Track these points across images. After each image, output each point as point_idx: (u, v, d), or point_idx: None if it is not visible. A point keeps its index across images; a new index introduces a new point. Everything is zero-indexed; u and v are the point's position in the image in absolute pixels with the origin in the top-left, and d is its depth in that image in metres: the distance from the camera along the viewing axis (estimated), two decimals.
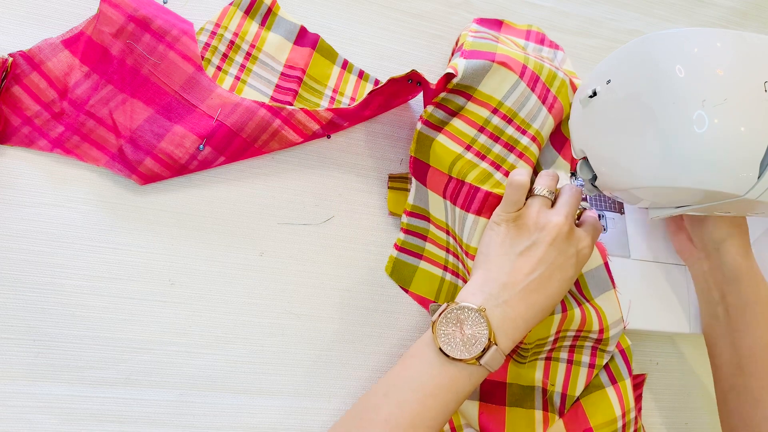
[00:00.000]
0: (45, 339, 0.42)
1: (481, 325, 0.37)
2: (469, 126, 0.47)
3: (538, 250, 0.40)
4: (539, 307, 0.40)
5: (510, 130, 0.48)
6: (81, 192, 0.45)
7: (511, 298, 0.39)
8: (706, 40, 0.34)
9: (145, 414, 0.42)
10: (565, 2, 0.63)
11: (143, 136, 0.45)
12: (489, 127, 0.47)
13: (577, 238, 0.41)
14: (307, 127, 0.47)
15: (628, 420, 0.47)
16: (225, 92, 0.47)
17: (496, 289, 0.39)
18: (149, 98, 0.46)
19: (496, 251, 0.41)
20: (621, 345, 0.50)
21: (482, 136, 0.47)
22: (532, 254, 0.40)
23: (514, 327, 0.39)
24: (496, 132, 0.47)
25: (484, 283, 0.40)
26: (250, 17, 0.51)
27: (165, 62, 0.46)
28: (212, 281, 0.46)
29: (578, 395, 0.48)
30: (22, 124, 0.44)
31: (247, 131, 0.46)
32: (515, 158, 0.48)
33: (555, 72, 0.51)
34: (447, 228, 0.49)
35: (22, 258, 0.42)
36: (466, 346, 0.37)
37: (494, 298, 0.39)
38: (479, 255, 0.42)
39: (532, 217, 0.41)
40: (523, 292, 0.39)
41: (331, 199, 0.50)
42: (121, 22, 0.45)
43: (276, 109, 0.46)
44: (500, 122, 0.48)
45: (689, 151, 0.33)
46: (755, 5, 0.70)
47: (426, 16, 0.58)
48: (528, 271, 0.39)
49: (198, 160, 0.45)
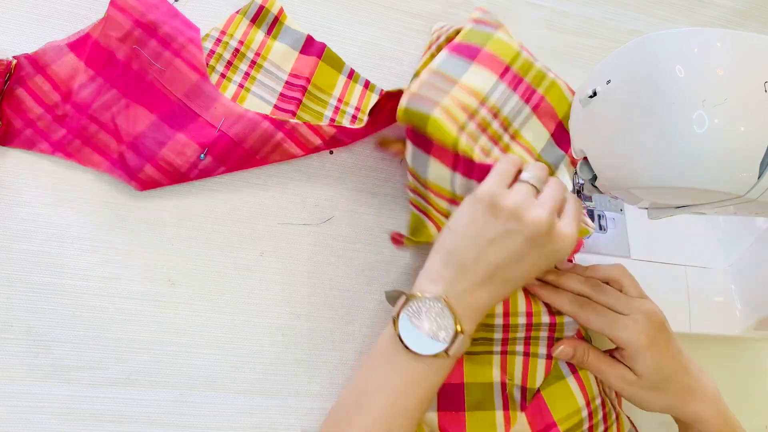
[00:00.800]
0: (45, 339, 0.42)
1: (446, 317, 0.36)
2: (461, 110, 0.45)
3: (513, 242, 0.37)
4: (501, 294, 0.38)
5: (495, 125, 0.47)
6: (81, 192, 0.45)
7: (474, 285, 0.37)
8: (706, 40, 0.34)
9: (145, 414, 0.42)
10: (565, 2, 0.63)
11: (145, 143, 0.45)
12: (478, 117, 0.46)
13: (558, 235, 0.38)
14: (310, 141, 0.47)
15: (594, 407, 0.47)
16: (229, 102, 0.47)
17: (458, 273, 0.37)
18: (153, 105, 0.46)
19: (464, 231, 0.38)
20: (581, 333, 0.49)
21: (471, 123, 0.46)
22: (504, 244, 0.37)
23: (476, 311, 0.37)
24: (484, 123, 0.47)
25: (445, 266, 0.37)
26: (256, 26, 0.51)
27: (170, 69, 0.46)
28: (212, 281, 0.46)
29: (538, 387, 0.47)
30: (25, 127, 0.44)
31: (249, 142, 0.46)
32: (499, 152, 0.47)
33: (545, 73, 0.50)
34: (452, 196, 0.46)
35: (22, 258, 0.42)
36: (433, 340, 0.36)
37: (456, 283, 0.37)
38: (447, 230, 0.39)
39: (513, 203, 0.37)
40: (487, 282, 0.37)
41: (331, 199, 0.50)
42: (128, 27, 0.45)
43: (279, 122, 0.46)
44: (487, 115, 0.47)
45: (689, 151, 0.33)
46: (755, 5, 0.70)
47: (426, 16, 0.58)
48: (496, 261, 0.37)
49: (198, 169, 0.45)
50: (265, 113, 0.48)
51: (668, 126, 0.34)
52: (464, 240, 0.38)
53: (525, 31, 0.61)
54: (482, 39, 0.48)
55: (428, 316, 0.36)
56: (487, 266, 0.37)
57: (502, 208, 0.37)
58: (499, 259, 0.37)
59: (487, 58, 0.48)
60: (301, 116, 0.50)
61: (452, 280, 0.37)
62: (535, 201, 0.38)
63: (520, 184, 0.39)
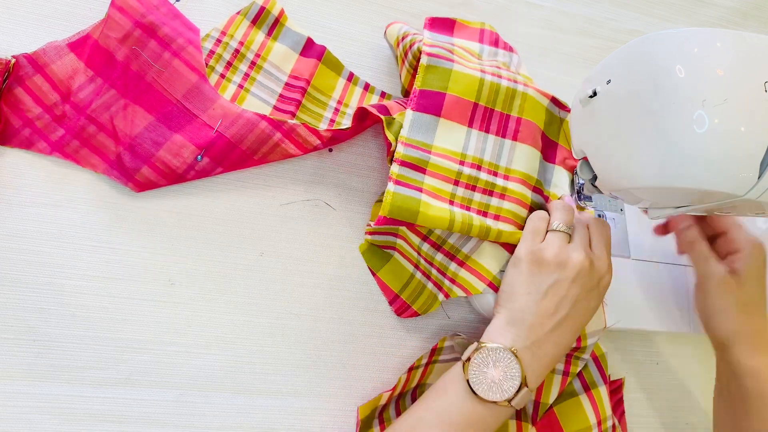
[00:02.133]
0: (45, 339, 0.42)
1: (513, 368, 0.38)
2: (444, 182, 0.46)
3: (562, 289, 0.40)
4: (566, 342, 0.41)
5: (483, 176, 0.47)
6: (81, 192, 0.45)
7: (539, 339, 0.39)
8: (706, 40, 0.34)
9: (145, 414, 0.42)
10: (565, 2, 0.63)
11: (142, 144, 0.45)
12: (463, 179, 0.46)
13: (597, 269, 0.42)
14: (308, 141, 0.47)
15: (605, 428, 0.47)
16: (227, 103, 0.46)
17: (523, 330, 0.39)
18: (151, 105, 0.46)
19: (519, 290, 0.41)
20: (595, 353, 0.49)
21: (459, 189, 0.46)
22: (555, 293, 0.40)
23: (542, 366, 0.39)
24: (471, 181, 0.47)
25: (510, 323, 0.40)
26: (257, 27, 0.51)
27: (169, 70, 0.46)
28: (212, 281, 0.46)
29: (551, 403, 0.47)
30: (23, 126, 0.44)
31: (247, 143, 0.46)
32: (498, 200, 0.47)
33: (513, 88, 0.49)
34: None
35: (22, 258, 0.42)
36: (499, 388, 0.38)
37: (522, 339, 0.39)
38: (502, 293, 0.42)
39: (553, 255, 0.41)
40: (550, 332, 0.40)
41: (330, 198, 0.50)
42: (128, 28, 0.45)
43: (277, 123, 0.46)
44: (471, 171, 0.47)
45: (689, 151, 0.33)
46: (755, 5, 0.70)
47: (426, 16, 0.58)
48: (553, 311, 0.40)
49: (195, 170, 0.45)
50: (263, 114, 0.49)
51: (668, 126, 0.34)
52: (521, 297, 0.41)
53: (525, 31, 0.61)
54: (442, 80, 0.48)
55: (496, 365, 0.38)
56: (547, 316, 0.40)
57: (547, 262, 0.41)
58: (553, 307, 0.40)
59: (452, 106, 0.47)
60: (301, 117, 0.50)
61: (518, 334, 0.39)
62: (569, 246, 0.42)
63: (553, 234, 0.43)
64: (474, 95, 0.48)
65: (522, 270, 0.42)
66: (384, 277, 0.49)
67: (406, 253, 0.49)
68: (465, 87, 0.48)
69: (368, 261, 0.49)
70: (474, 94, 0.48)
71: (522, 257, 0.42)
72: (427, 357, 0.47)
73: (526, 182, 0.48)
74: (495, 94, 0.49)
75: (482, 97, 0.48)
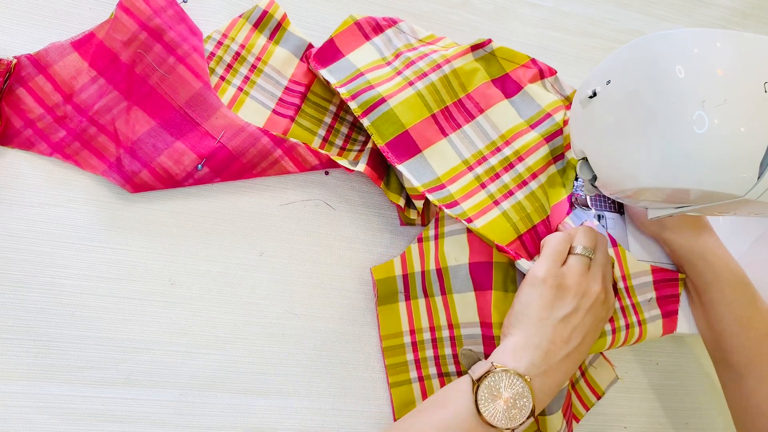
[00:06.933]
0: (45, 339, 0.42)
1: (525, 396, 0.37)
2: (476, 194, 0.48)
3: (577, 318, 0.40)
4: (571, 371, 0.41)
5: (493, 160, 0.49)
6: (81, 192, 0.45)
7: (550, 368, 0.39)
8: (706, 40, 0.34)
9: (145, 414, 0.42)
10: (565, 2, 0.63)
11: (143, 148, 0.45)
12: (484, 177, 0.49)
13: (609, 301, 0.43)
14: (307, 161, 0.47)
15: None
16: (230, 114, 0.46)
17: (538, 357, 0.39)
18: (153, 110, 0.46)
19: (537, 314, 0.40)
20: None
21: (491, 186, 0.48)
22: (571, 321, 0.40)
23: (547, 395, 0.39)
24: (490, 173, 0.49)
25: (525, 348, 0.39)
26: (258, 30, 0.51)
27: (173, 75, 0.45)
28: (212, 281, 0.46)
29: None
30: (25, 127, 0.44)
31: (248, 157, 0.46)
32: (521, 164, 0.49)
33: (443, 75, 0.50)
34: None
35: (22, 258, 0.42)
36: (507, 414, 0.37)
37: (536, 366, 0.38)
38: (518, 314, 0.41)
39: (575, 282, 0.41)
40: (561, 361, 0.39)
41: (330, 198, 0.50)
42: (134, 30, 0.45)
43: (279, 139, 0.46)
44: (482, 167, 0.49)
45: (689, 151, 0.33)
46: (755, 5, 0.70)
47: (426, 16, 0.58)
48: (567, 338, 0.40)
49: (194, 178, 0.45)
50: (263, 118, 0.49)
51: (668, 126, 0.34)
52: (539, 321, 0.40)
53: (525, 31, 0.61)
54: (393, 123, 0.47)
55: (507, 392, 0.37)
56: (561, 343, 0.39)
57: (569, 288, 0.41)
58: (569, 333, 0.40)
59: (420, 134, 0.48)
60: (300, 122, 0.50)
61: (532, 362, 0.39)
62: (590, 275, 0.42)
63: (576, 259, 0.42)
64: (425, 110, 0.49)
65: (542, 293, 0.41)
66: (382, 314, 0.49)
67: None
68: (413, 111, 0.48)
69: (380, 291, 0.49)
70: (424, 110, 0.48)
71: (543, 279, 0.41)
72: (433, 228, 0.48)
73: (521, 132, 0.50)
74: (436, 93, 0.50)
75: (431, 107, 0.49)
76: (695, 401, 0.55)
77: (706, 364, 0.56)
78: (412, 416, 0.40)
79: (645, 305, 0.48)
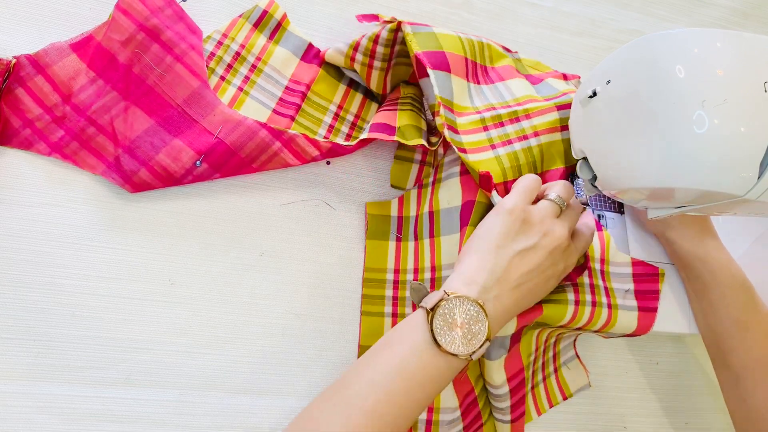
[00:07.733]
0: (45, 339, 0.42)
1: (481, 321, 0.37)
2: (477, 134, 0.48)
3: (536, 255, 0.40)
4: (524, 305, 0.41)
5: (503, 111, 0.50)
6: (81, 192, 0.45)
7: (502, 294, 0.39)
8: (706, 40, 0.34)
9: (145, 414, 0.42)
10: (565, 2, 0.63)
11: (141, 147, 0.45)
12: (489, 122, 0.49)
13: (569, 254, 0.43)
14: (307, 152, 0.47)
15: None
16: (228, 109, 0.46)
17: (491, 281, 0.38)
18: (151, 109, 0.46)
19: (497, 240, 0.40)
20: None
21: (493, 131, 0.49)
22: (530, 256, 0.40)
23: (498, 322, 0.39)
24: (496, 120, 0.49)
25: (477, 271, 0.39)
26: (258, 30, 0.51)
27: (171, 74, 0.45)
28: (212, 281, 0.46)
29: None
30: (23, 127, 0.44)
31: (246, 151, 0.46)
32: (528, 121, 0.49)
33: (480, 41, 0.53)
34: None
35: (22, 258, 0.42)
36: (465, 341, 0.36)
37: (488, 291, 0.38)
38: (476, 238, 0.41)
39: (540, 219, 0.41)
40: (514, 290, 0.39)
41: (330, 198, 0.50)
42: (132, 31, 0.45)
43: (277, 132, 0.46)
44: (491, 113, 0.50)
45: (689, 151, 0.33)
46: (755, 5, 0.70)
47: (426, 17, 0.58)
48: (521, 273, 0.40)
49: (193, 174, 0.45)
50: (264, 118, 0.48)
51: (668, 126, 0.34)
52: (497, 249, 0.40)
53: (525, 31, 0.61)
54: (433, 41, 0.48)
55: (462, 318, 0.37)
56: (516, 275, 0.39)
57: (532, 223, 0.41)
58: (526, 269, 0.40)
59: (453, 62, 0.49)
60: (300, 121, 0.50)
61: (484, 286, 0.38)
62: (557, 220, 0.42)
63: (547, 203, 0.43)
64: (462, 51, 0.50)
65: (504, 222, 0.41)
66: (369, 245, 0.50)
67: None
68: (452, 44, 0.49)
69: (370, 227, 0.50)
70: (462, 50, 0.50)
71: (509, 210, 0.41)
72: (432, 175, 0.49)
73: (535, 99, 0.51)
74: (473, 47, 0.52)
75: (468, 52, 0.51)
76: (695, 401, 0.55)
77: (706, 364, 0.56)
78: (368, 357, 0.38)
79: (620, 293, 0.49)
